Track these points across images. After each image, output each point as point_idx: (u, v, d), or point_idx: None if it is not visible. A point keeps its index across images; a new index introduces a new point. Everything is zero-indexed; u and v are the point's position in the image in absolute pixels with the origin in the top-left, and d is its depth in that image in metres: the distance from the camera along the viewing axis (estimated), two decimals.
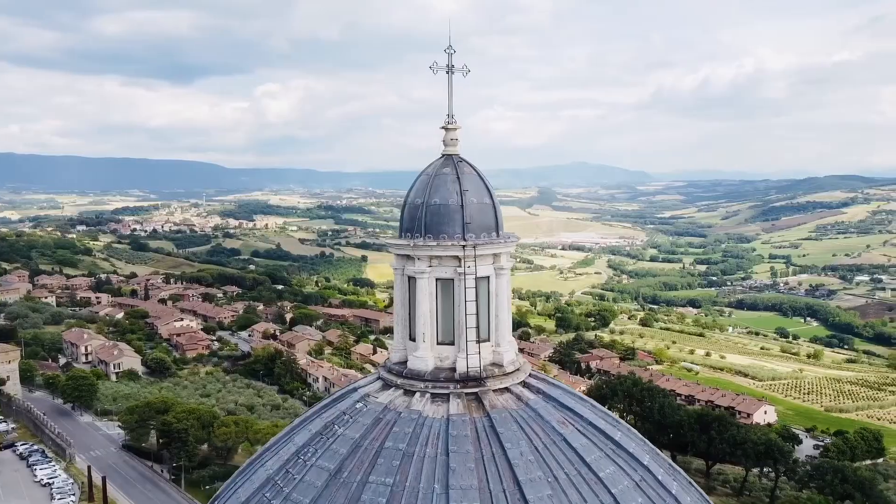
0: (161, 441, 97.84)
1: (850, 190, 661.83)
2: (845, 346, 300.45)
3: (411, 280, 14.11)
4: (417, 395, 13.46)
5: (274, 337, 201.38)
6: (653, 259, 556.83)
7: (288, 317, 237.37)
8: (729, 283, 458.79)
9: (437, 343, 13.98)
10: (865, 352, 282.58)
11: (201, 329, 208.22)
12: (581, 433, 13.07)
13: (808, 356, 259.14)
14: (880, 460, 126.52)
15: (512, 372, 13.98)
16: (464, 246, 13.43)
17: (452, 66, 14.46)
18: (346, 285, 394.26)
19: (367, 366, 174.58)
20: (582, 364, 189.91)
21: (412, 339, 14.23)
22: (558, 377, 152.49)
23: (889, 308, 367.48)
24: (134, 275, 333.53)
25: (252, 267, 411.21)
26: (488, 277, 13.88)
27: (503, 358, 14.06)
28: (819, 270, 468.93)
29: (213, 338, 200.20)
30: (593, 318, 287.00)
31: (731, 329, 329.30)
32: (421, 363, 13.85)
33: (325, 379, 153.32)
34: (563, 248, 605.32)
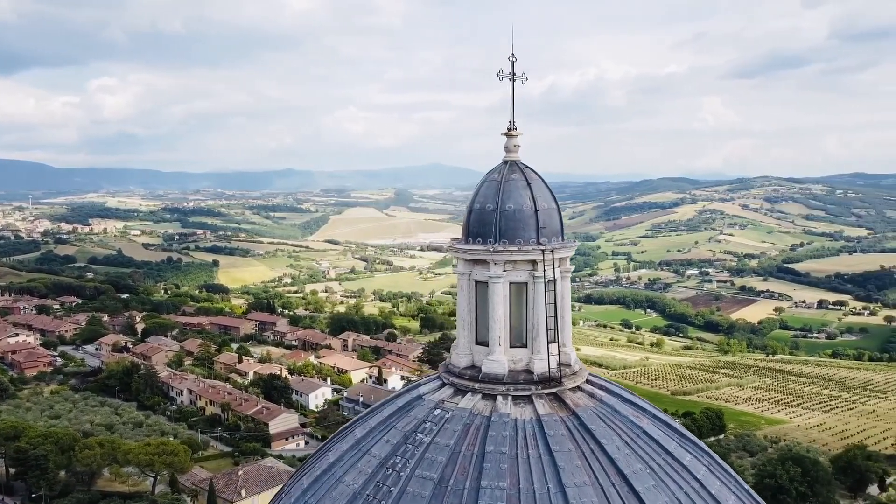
0: (13, 471, 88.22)
1: (679, 191, 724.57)
2: (681, 335, 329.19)
3: (478, 285, 14.22)
4: (500, 398, 13.59)
5: (126, 349, 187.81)
6: None
7: (139, 327, 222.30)
8: (577, 280, 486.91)
9: (509, 346, 14.16)
10: (698, 339, 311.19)
11: (40, 344, 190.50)
12: (654, 425, 13.85)
13: (652, 345, 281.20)
14: (721, 436, 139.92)
15: (579, 371, 14.50)
16: (542, 250, 13.76)
17: (514, 73, 14.77)
18: (198, 292, 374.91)
19: (234, 375, 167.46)
20: None
21: (479, 343, 14.36)
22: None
23: (715, 298, 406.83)
24: None
25: (91, 275, 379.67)
26: (555, 280, 14.27)
27: (570, 358, 14.52)
28: (655, 266, 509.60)
29: (55, 353, 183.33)
30: (456, 318, 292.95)
31: (582, 322, 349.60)
32: (498, 367, 13.98)
33: (191, 391, 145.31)
34: (421, 249, 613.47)
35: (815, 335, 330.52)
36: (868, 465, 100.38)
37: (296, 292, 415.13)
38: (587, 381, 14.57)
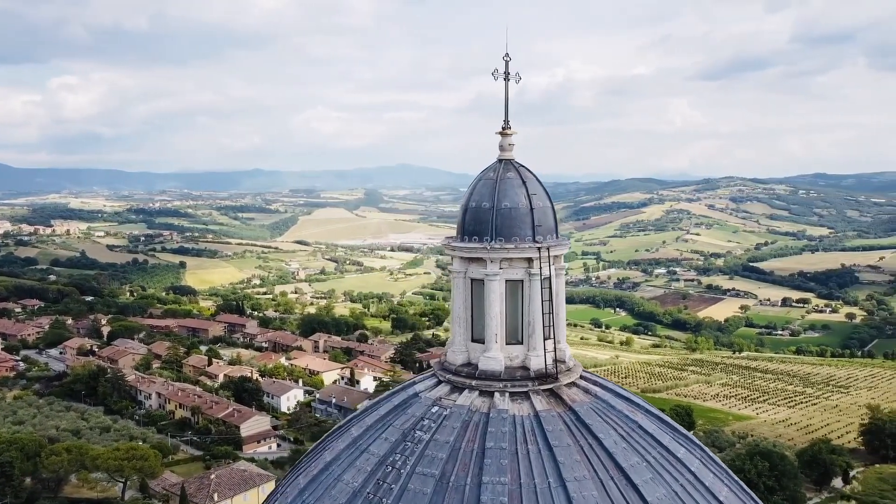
0: None
1: (647, 191, 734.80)
2: (650, 333, 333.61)
3: (473, 282, 14.33)
4: (497, 394, 13.70)
5: (92, 353, 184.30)
6: None
7: (105, 330, 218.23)
8: None
9: (505, 343, 14.30)
10: (667, 337, 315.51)
11: (2, 349, 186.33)
12: (648, 420, 14.09)
13: (621, 343, 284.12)
14: (691, 432, 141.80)
15: (573, 367, 14.69)
16: (539, 248, 13.92)
17: (508, 73, 14.92)
18: (165, 294, 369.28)
19: (203, 378, 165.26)
20: (424, 363, 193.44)
21: (474, 340, 14.48)
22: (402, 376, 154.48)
23: (683, 297, 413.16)
24: None
25: (53, 277, 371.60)
26: (550, 277, 14.43)
27: (565, 354, 14.69)
28: (624, 265, 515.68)
29: (18, 358, 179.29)
30: (427, 318, 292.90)
31: None
32: (494, 364, 14.09)
33: (160, 395, 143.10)
34: (391, 250, 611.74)
35: (780, 332, 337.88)
36: (832, 459, 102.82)
37: (265, 294, 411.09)
38: (581, 377, 14.79)
